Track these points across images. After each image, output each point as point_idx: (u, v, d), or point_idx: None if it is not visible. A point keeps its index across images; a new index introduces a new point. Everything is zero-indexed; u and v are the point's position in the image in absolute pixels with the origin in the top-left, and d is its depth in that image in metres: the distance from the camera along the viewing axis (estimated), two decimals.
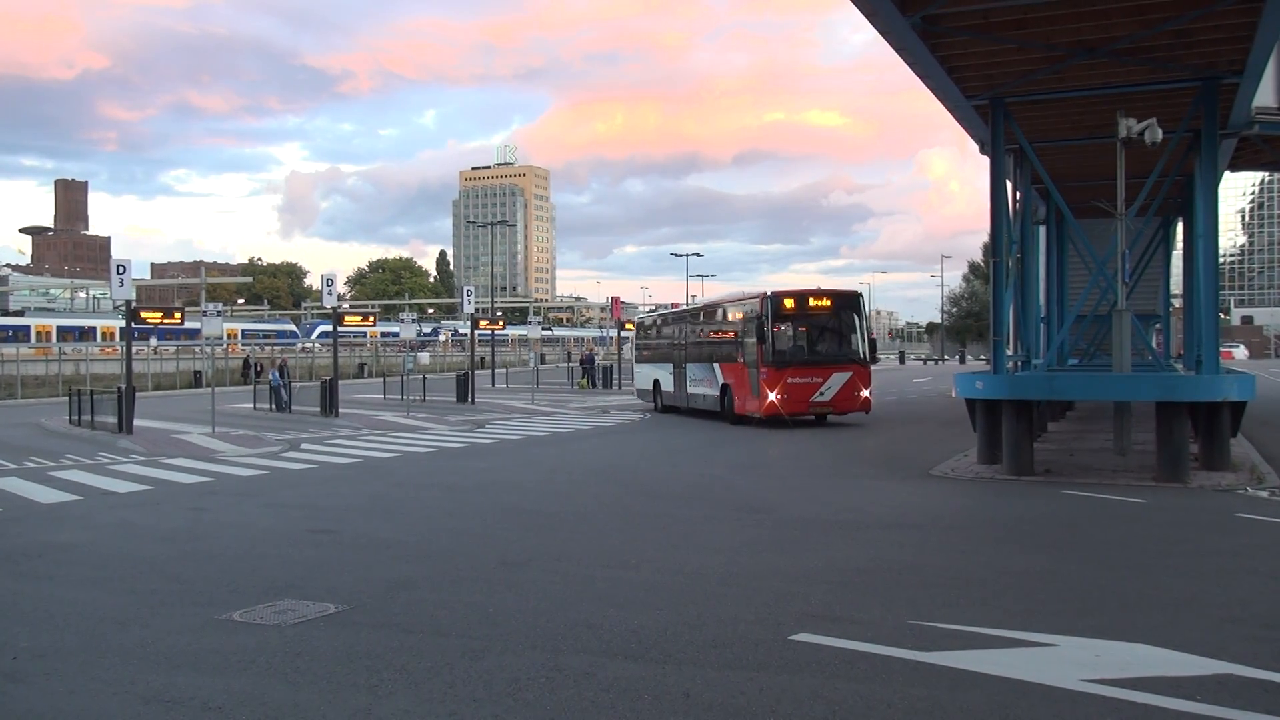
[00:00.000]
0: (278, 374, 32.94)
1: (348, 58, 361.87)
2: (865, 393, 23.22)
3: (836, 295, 23.98)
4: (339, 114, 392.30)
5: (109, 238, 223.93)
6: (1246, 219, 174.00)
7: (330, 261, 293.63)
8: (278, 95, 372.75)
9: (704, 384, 26.55)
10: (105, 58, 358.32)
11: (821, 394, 22.65)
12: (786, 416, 22.68)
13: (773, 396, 22.31)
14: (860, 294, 24.54)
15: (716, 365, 25.78)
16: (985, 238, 56.45)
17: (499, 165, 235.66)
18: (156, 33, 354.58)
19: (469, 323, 44.63)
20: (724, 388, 25.03)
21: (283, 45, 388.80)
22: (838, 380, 22.72)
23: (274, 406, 32.05)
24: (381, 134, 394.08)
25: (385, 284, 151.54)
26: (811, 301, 23.46)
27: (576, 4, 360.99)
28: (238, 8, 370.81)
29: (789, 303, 23.17)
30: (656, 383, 30.30)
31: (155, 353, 53.16)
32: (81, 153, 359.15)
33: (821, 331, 23.75)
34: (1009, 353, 17.17)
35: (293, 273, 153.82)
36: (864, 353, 23.44)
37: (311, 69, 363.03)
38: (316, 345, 72.76)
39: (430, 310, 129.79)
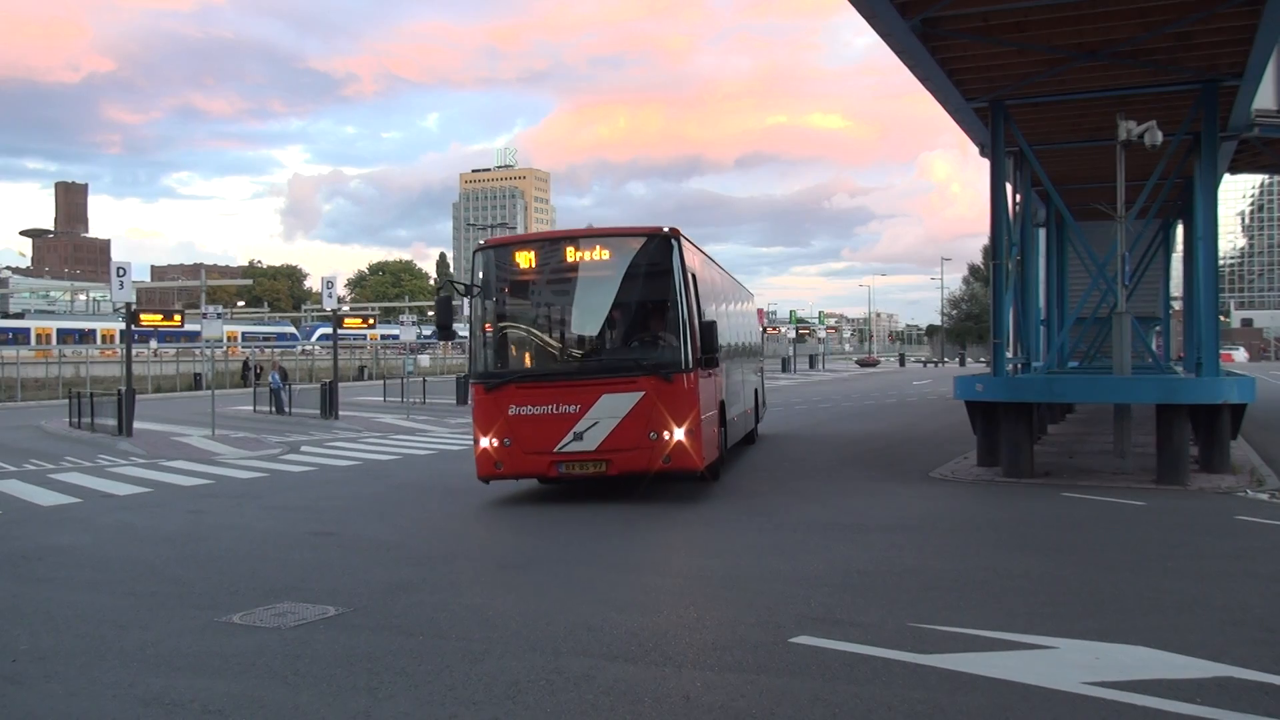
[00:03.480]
0: (277, 376, 32.94)
1: (352, 61, 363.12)
2: (681, 432, 12.16)
3: (617, 241, 13.05)
4: (342, 117, 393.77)
5: (109, 240, 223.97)
6: (1246, 222, 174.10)
7: (332, 264, 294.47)
8: (281, 98, 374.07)
9: None
10: (111, 61, 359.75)
11: (579, 436, 12.26)
12: (510, 477, 13.05)
13: (486, 444, 12.59)
14: (672, 235, 12.67)
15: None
16: (986, 240, 56.51)
17: (499, 168, 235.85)
18: (162, 36, 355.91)
19: (469, 325, 44.62)
20: None
21: (287, 49, 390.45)
22: (615, 407, 12.23)
23: (274, 409, 32.06)
24: (384, 137, 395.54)
25: (385, 286, 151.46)
26: (567, 255, 13.00)
27: (581, 8, 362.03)
28: (244, 11, 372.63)
29: (520, 259, 13.24)
30: None
31: (155, 355, 53.18)
32: (85, 155, 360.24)
33: (589, 315, 13.17)
34: (1009, 355, 17.16)
35: (293, 275, 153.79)
36: (683, 352, 12.41)
37: (316, 72, 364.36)
38: (316, 348, 72.76)
39: (430, 313, 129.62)
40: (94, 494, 14.69)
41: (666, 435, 12.17)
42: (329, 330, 48.98)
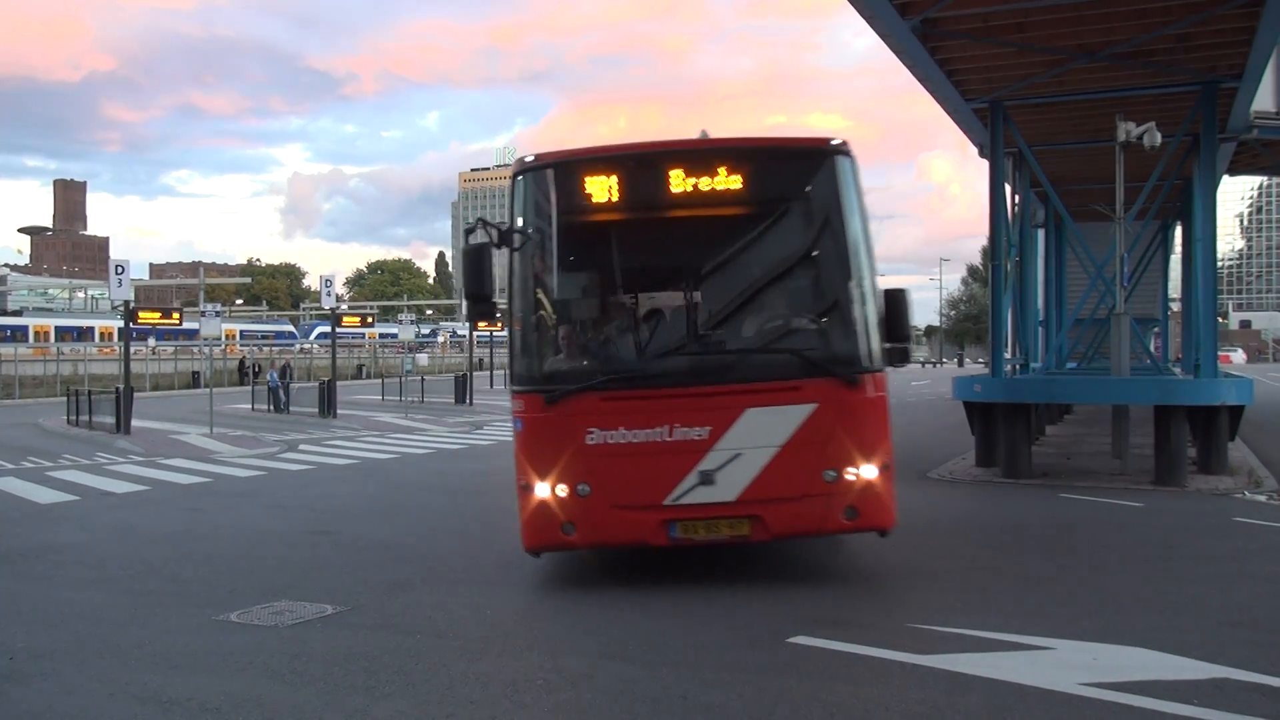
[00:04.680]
0: (276, 375, 32.92)
1: (352, 60, 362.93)
2: (873, 469, 7.69)
3: (760, 159, 8.36)
4: (342, 116, 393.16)
5: (108, 238, 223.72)
6: (1245, 223, 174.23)
7: (331, 263, 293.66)
8: (282, 97, 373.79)
9: None
10: (112, 59, 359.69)
11: (708, 479, 7.59)
12: (588, 546, 8.16)
13: (544, 492, 7.75)
14: (844, 153, 8.06)
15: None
16: (985, 241, 56.52)
17: (498, 167, 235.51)
18: (163, 34, 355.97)
19: (468, 324, 44.63)
20: None
21: (288, 47, 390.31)
22: (767, 429, 7.66)
23: (272, 407, 32.03)
24: (384, 136, 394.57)
25: (384, 285, 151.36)
26: (674, 181, 7.96)
27: (581, 8, 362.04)
28: (245, 10, 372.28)
29: (593, 186, 8.02)
30: None
31: (154, 353, 53.13)
32: (84, 153, 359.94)
33: (715, 279, 8.45)
34: (1007, 356, 17.18)
35: (291, 274, 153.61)
36: (867, 339, 7.83)
37: (316, 71, 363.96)
38: (315, 346, 72.71)
39: (429, 312, 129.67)
40: (92, 492, 14.67)
41: (850, 474, 7.61)
42: (327, 329, 48.97)
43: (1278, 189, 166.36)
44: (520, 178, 8.10)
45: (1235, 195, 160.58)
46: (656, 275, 8.63)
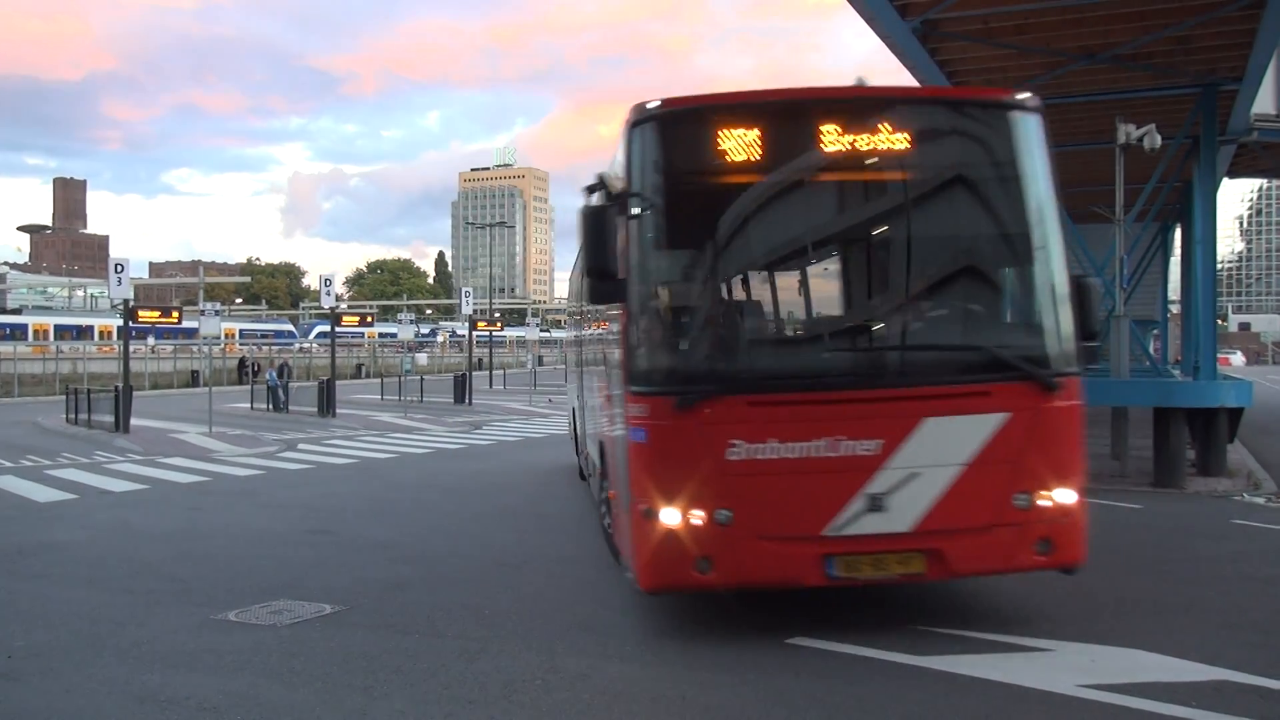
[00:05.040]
0: (274, 374, 32.90)
1: (353, 59, 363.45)
2: (1070, 493, 6.42)
3: (938, 114, 7.16)
4: (343, 115, 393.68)
5: (107, 236, 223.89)
6: (1245, 226, 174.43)
7: (331, 262, 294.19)
8: (283, 96, 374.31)
9: (591, 436, 10.91)
10: (113, 58, 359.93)
11: (876, 503, 6.21)
12: (728, 591, 6.63)
13: (673, 519, 6.19)
14: (1033, 108, 6.81)
15: (594, 385, 10.29)
16: None
17: (498, 167, 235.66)
18: (164, 33, 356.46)
19: (467, 324, 44.63)
20: (603, 457, 8.94)
21: (289, 47, 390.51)
22: (949, 443, 6.30)
23: (271, 406, 32.02)
24: (385, 135, 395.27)
25: (383, 285, 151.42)
26: (827, 136, 6.52)
27: (582, 8, 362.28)
28: (245, 8, 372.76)
29: (731, 140, 6.46)
30: (573, 415, 15.17)
31: (153, 352, 53.11)
32: (85, 151, 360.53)
33: (884, 257, 7.08)
34: None
35: (291, 273, 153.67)
36: (1060, 335, 6.57)
37: (317, 70, 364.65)
38: (314, 345, 72.70)
39: (428, 311, 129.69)
40: (90, 490, 14.66)
41: (1045, 499, 6.38)
42: (327, 328, 48.97)
43: (1277, 191, 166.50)
44: (638, 128, 6.53)
45: (1235, 197, 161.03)
46: (813, 252, 7.01)
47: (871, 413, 6.22)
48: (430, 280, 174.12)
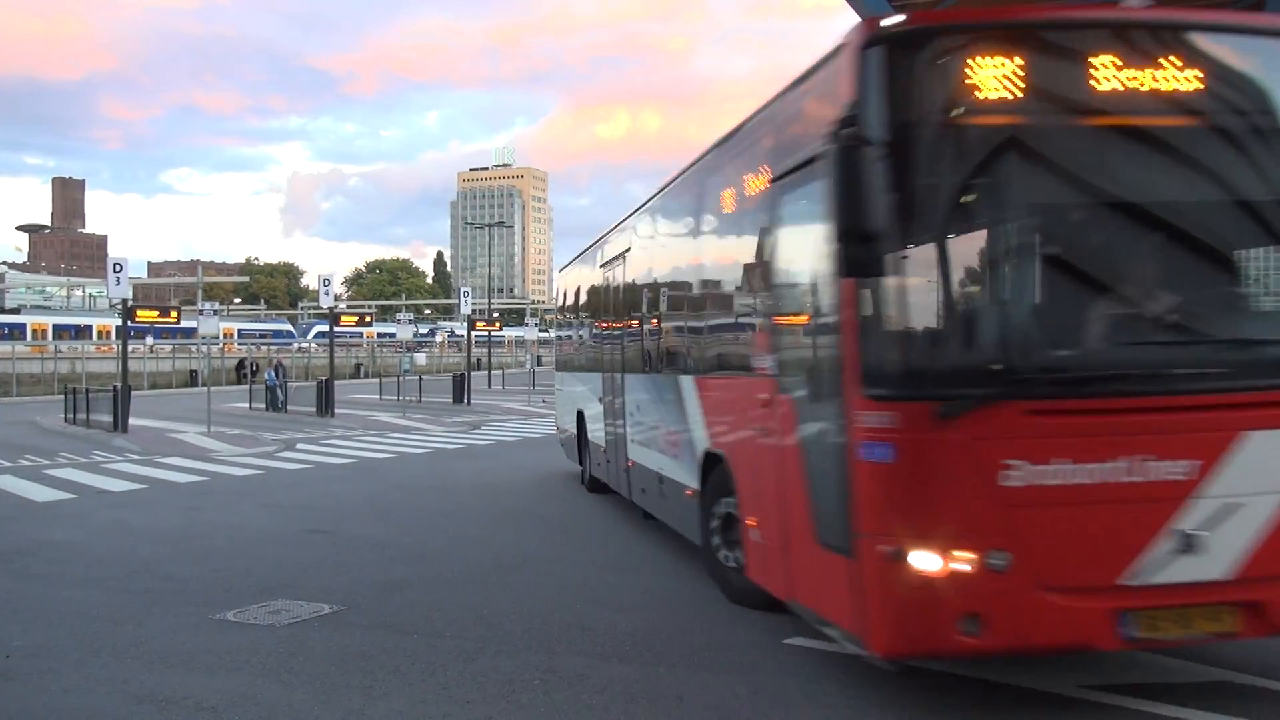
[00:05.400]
0: (273, 373, 32.91)
1: (353, 59, 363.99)
2: None
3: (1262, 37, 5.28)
4: (342, 115, 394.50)
5: (106, 236, 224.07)
6: None
7: (330, 262, 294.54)
8: (282, 96, 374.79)
9: (665, 445, 9.06)
10: (113, 58, 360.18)
11: (1186, 542, 4.77)
12: (996, 653, 5.09)
13: (930, 564, 4.73)
14: None
15: (690, 387, 8.14)
16: None
17: (497, 167, 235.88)
18: (164, 33, 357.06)
19: (466, 324, 44.63)
20: (709, 472, 7.58)
21: (289, 46, 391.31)
22: (1270, 467, 4.89)
23: (269, 406, 32.03)
24: (384, 135, 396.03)
25: (382, 284, 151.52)
26: (1131, 73, 4.87)
27: (581, 8, 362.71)
28: (245, 8, 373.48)
29: (993, 71, 4.78)
30: (581, 420, 13.93)
31: (151, 351, 53.15)
32: (84, 151, 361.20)
33: (1189, 227, 5.21)
34: None
35: (290, 272, 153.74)
36: None
37: (316, 70, 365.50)
38: (313, 345, 72.69)
39: (427, 311, 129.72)
40: (89, 490, 14.66)
41: None
42: (326, 328, 48.97)
43: None
44: (871, 51, 4.93)
45: None
46: (1104, 219, 5.29)
47: (1180, 425, 4.83)
48: (429, 280, 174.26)
